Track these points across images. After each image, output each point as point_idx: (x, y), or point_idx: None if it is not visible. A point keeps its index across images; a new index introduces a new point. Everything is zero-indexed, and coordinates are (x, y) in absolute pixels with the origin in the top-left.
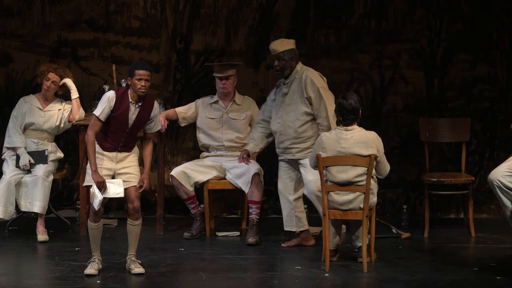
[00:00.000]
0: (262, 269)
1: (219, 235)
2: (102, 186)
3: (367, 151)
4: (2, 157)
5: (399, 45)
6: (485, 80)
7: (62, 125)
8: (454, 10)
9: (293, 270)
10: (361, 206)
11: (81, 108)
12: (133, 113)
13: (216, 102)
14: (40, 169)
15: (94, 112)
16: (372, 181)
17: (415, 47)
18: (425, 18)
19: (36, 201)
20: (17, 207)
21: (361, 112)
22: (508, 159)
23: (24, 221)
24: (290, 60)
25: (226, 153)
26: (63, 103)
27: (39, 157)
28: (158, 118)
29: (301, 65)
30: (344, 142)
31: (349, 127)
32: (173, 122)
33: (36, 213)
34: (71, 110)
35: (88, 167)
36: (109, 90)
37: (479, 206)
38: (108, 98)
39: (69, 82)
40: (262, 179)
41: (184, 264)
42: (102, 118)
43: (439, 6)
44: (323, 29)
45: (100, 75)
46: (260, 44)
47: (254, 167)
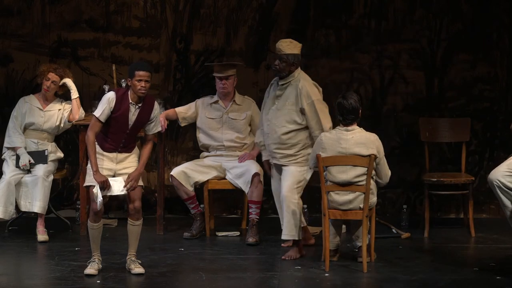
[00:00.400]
0: (262, 269)
1: (219, 235)
2: (106, 185)
3: (367, 152)
4: (2, 157)
5: (399, 45)
6: (485, 80)
7: (62, 125)
8: (454, 10)
9: (293, 270)
10: (361, 206)
11: (81, 108)
12: (133, 114)
13: (216, 102)
14: (40, 169)
15: (94, 113)
16: (372, 181)
17: (415, 47)
18: (425, 18)
19: (36, 201)
20: (17, 207)
21: (361, 112)
22: (508, 159)
23: (24, 221)
24: (291, 65)
25: (226, 153)
26: (63, 103)
27: (39, 157)
28: (159, 119)
29: (299, 71)
30: (345, 142)
31: (350, 127)
32: (173, 122)
33: (36, 213)
34: (71, 110)
35: (89, 168)
36: (109, 91)
37: (479, 206)
38: (108, 99)
39: (69, 82)
40: (262, 179)
41: (184, 264)
42: (102, 119)
43: (439, 6)
44: (323, 29)
45: (100, 75)
46: (260, 44)
47: (254, 167)
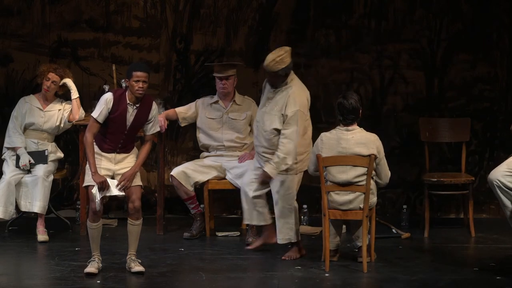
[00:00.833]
0: (262, 269)
1: (219, 235)
2: (105, 186)
3: (368, 152)
4: (2, 157)
5: (399, 45)
6: (485, 80)
7: (62, 125)
8: (454, 10)
9: (293, 270)
10: (361, 206)
11: (81, 108)
12: (131, 115)
13: (216, 102)
14: (40, 169)
15: (92, 114)
16: (372, 181)
17: (415, 47)
18: (425, 18)
19: (36, 201)
20: (17, 207)
21: (361, 112)
22: (508, 159)
23: (24, 221)
24: (285, 76)
25: (226, 153)
26: (63, 103)
27: (39, 157)
28: (157, 120)
29: (292, 77)
30: (345, 142)
31: (350, 127)
32: (173, 122)
33: (36, 213)
34: (71, 110)
35: (87, 168)
36: (109, 91)
37: (479, 206)
38: (106, 100)
39: (69, 82)
40: None
41: (184, 264)
42: (100, 120)
43: (439, 6)
44: (323, 29)
45: (100, 75)
46: (260, 44)
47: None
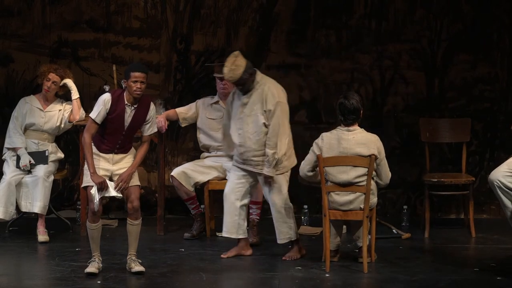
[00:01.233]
0: (263, 270)
1: (220, 236)
2: (104, 186)
3: (368, 152)
4: (3, 158)
5: (400, 46)
6: (486, 81)
7: (63, 126)
8: (455, 11)
9: (294, 271)
10: (362, 207)
11: (82, 109)
12: (129, 115)
13: (217, 103)
14: (41, 170)
15: (90, 115)
16: (372, 182)
17: (416, 48)
18: (426, 19)
19: (37, 202)
20: (18, 208)
21: (362, 113)
22: (509, 159)
23: (25, 222)
24: (250, 76)
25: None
26: (64, 104)
27: (40, 158)
28: (155, 120)
29: (261, 75)
30: (346, 143)
31: (351, 128)
32: (174, 123)
33: (37, 214)
34: (72, 111)
35: (86, 168)
36: (110, 91)
37: (480, 207)
38: (104, 101)
39: (70, 83)
40: None
41: (185, 265)
42: (98, 121)
43: (440, 7)
44: (324, 30)
45: (101, 76)
46: (261, 45)
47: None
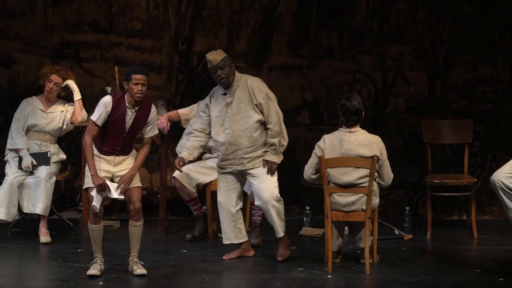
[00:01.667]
0: (265, 271)
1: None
2: (105, 187)
3: (370, 153)
4: (5, 159)
5: (402, 47)
6: (488, 82)
7: (65, 127)
8: (457, 12)
9: (296, 272)
10: (364, 208)
11: (84, 110)
12: (130, 118)
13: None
14: (43, 171)
15: (91, 117)
16: (374, 183)
17: (418, 49)
18: (428, 20)
19: (39, 203)
20: (20, 209)
21: (364, 114)
22: (511, 161)
23: (27, 223)
24: (230, 66)
25: None
26: (66, 105)
27: (42, 159)
28: (156, 122)
29: (239, 74)
30: (347, 144)
31: (353, 129)
32: (176, 124)
33: (39, 215)
34: (74, 112)
35: (87, 170)
36: (112, 92)
37: (482, 208)
38: (105, 103)
39: (72, 84)
40: None
41: (187, 266)
42: (99, 123)
43: (442, 8)
44: (326, 31)
45: (103, 77)
46: (263, 46)
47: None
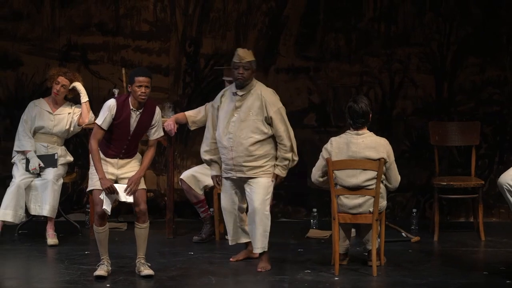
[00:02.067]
0: (272, 273)
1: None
2: (113, 190)
3: (378, 155)
4: (12, 161)
5: (409, 49)
6: (495, 84)
7: (72, 129)
8: (464, 14)
9: (303, 274)
10: (371, 210)
11: (91, 112)
12: (135, 120)
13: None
14: (50, 173)
15: (96, 121)
16: (382, 185)
17: (425, 51)
18: (435, 22)
19: (46, 205)
20: (27, 211)
21: (371, 116)
22: None
23: (34, 225)
24: (253, 72)
25: None
26: (73, 107)
27: (49, 161)
28: (161, 124)
29: (255, 80)
30: (355, 146)
31: (360, 131)
32: (183, 126)
33: (46, 217)
34: (81, 114)
35: (91, 172)
36: (119, 94)
37: (489, 210)
38: (109, 107)
39: (79, 86)
40: None
41: (194, 268)
42: (104, 127)
43: (449, 10)
44: (333, 33)
45: (110, 79)
46: (270, 48)
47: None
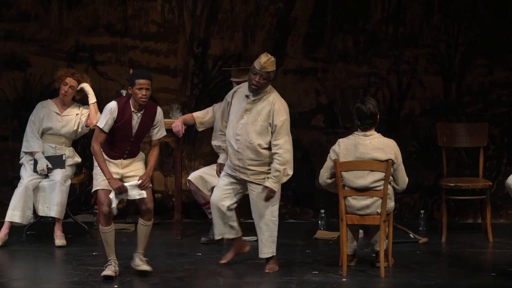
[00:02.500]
0: (280, 274)
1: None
2: (123, 190)
3: (385, 157)
4: (20, 162)
5: (417, 50)
6: (503, 85)
7: (80, 130)
8: (472, 15)
9: (311, 275)
10: (379, 211)
11: (99, 113)
12: (136, 122)
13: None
14: (58, 174)
15: (98, 124)
16: (389, 186)
17: (433, 52)
18: (443, 23)
19: (54, 206)
20: (35, 212)
21: (379, 117)
22: None
23: (42, 226)
24: (269, 81)
25: None
26: (81, 108)
27: (57, 162)
28: (162, 124)
29: (270, 86)
30: (363, 148)
31: (368, 133)
32: (191, 127)
33: (54, 218)
34: (89, 115)
35: (95, 173)
36: (126, 95)
37: (497, 211)
38: (110, 109)
39: (87, 87)
40: None
41: (201, 269)
42: (106, 130)
43: (457, 11)
44: (341, 34)
45: (118, 80)
46: (278, 49)
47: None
